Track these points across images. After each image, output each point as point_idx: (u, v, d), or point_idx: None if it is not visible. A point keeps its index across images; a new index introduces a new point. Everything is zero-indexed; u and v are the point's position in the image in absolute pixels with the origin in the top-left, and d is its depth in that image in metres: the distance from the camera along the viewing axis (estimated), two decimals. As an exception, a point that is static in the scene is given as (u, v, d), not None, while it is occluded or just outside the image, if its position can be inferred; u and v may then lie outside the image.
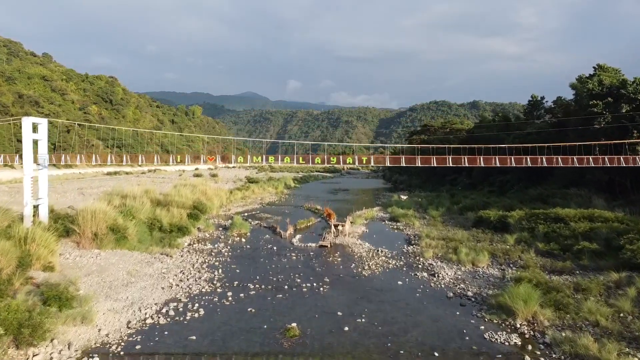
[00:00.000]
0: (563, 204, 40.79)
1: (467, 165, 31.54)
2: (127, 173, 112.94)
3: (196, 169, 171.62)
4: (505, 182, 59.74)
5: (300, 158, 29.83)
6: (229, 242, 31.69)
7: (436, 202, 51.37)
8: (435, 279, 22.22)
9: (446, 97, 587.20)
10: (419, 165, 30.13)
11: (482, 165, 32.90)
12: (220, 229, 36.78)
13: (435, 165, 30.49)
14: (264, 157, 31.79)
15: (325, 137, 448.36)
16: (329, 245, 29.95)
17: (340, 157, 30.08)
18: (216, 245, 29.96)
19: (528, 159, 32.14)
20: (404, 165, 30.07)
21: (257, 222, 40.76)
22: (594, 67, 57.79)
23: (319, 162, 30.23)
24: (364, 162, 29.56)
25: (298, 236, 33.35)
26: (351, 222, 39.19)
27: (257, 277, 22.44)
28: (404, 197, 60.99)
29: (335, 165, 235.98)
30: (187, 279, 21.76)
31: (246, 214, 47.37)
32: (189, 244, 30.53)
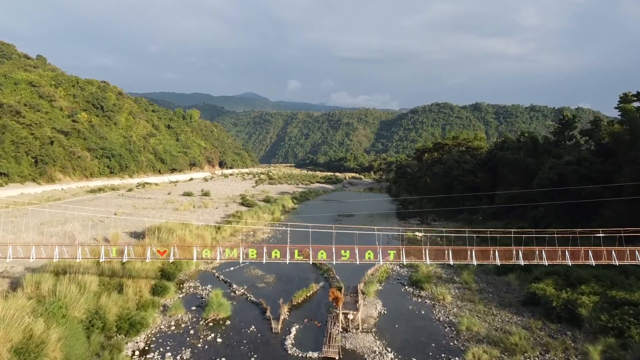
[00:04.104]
0: (632, 268, 32.16)
1: (522, 263, 22.55)
2: (113, 189, 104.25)
3: (190, 179, 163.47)
4: (539, 218, 50.95)
5: (297, 252, 21.17)
6: (200, 342, 23.12)
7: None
8: None
9: (447, 98, 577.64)
10: (474, 262, 21.71)
11: (546, 263, 23.83)
12: (193, 308, 28.17)
13: (498, 263, 22.00)
14: (241, 250, 22.82)
15: (325, 139, 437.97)
16: (337, 358, 21.34)
17: (357, 248, 21.42)
18: (179, 356, 21.38)
19: (590, 253, 22.74)
20: (451, 263, 21.50)
21: (242, 289, 32.27)
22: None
23: (324, 256, 21.56)
24: (392, 257, 21.10)
25: (294, 329, 24.69)
26: (362, 292, 30.75)
27: None
28: (419, 235, 52.37)
29: (337, 174, 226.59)
30: None
31: (232, 268, 38.96)
32: (142, 350, 22.00)
